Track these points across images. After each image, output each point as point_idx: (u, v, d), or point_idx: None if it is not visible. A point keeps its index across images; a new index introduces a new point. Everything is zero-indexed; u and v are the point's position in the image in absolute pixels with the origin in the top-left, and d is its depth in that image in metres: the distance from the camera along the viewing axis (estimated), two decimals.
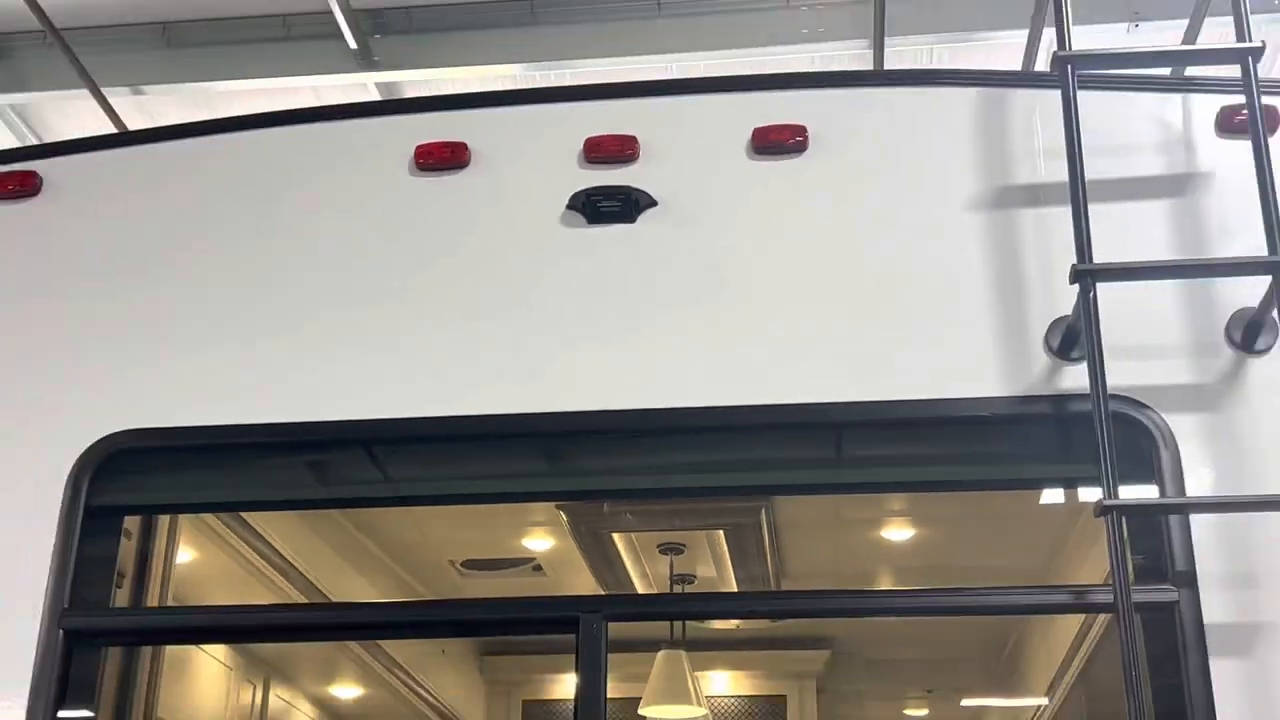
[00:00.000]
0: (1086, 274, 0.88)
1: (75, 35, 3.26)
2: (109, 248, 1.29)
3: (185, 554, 1.84)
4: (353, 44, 3.39)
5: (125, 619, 1.38)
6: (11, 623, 1.05)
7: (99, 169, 1.37)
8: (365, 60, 3.48)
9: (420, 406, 1.08)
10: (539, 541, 2.72)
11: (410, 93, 3.61)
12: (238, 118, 1.47)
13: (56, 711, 1.00)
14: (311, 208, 1.27)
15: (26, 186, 1.29)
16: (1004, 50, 3.41)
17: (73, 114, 3.75)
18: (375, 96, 3.56)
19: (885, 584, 2.94)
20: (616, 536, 2.73)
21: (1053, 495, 1.58)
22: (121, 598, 1.30)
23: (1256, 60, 0.98)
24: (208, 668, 2.58)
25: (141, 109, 3.71)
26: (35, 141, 3.64)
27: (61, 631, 1.06)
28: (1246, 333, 0.97)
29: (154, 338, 1.22)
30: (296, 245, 1.26)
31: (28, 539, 1.11)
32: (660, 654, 2.87)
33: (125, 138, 1.83)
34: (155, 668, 1.59)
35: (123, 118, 3.46)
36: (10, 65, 3.61)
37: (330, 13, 3.22)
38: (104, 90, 3.32)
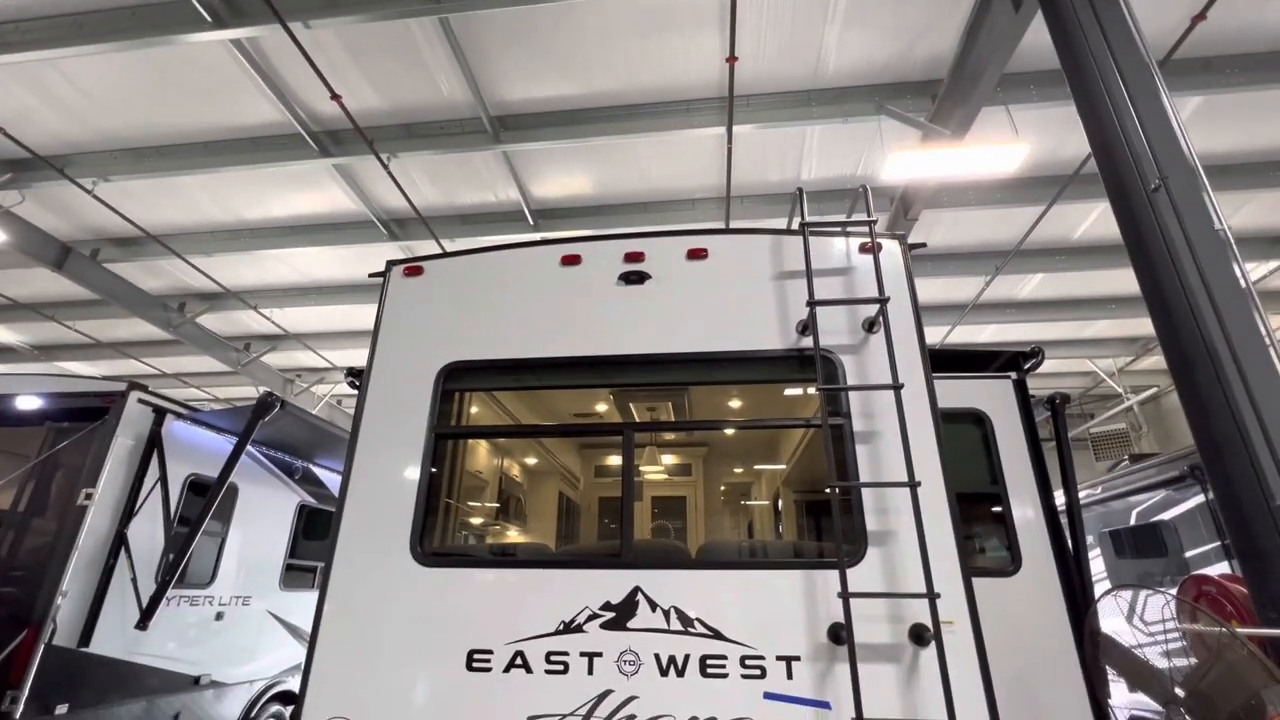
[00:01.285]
0: (812, 303, 2.76)
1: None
2: (446, 297, 3.21)
3: (473, 408, 6.19)
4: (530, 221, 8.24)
5: (452, 428, 3.21)
6: (416, 433, 2.94)
7: (447, 266, 3.32)
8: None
9: (574, 349, 3.06)
10: (603, 404, 7.43)
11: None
12: (503, 245, 3.37)
13: (432, 448, 2.90)
14: (532, 278, 3.15)
15: (418, 272, 3.44)
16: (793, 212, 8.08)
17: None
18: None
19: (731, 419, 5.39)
20: (633, 405, 7.45)
21: (797, 388, 3.56)
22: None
23: (873, 227, 2.95)
24: (481, 446, 7.56)
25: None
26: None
27: (434, 434, 2.89)
28: (869, 324, 2.82)
29: (466, 330, 3.10)
30: (530, 299, 3.12)
31: (425, 397, 2.94)
32: (647, 449, 7.85)
33: (456, 254, 3.37)
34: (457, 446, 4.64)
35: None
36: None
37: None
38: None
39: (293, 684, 6.62)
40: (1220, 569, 5.02)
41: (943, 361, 3.97)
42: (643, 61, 6.51)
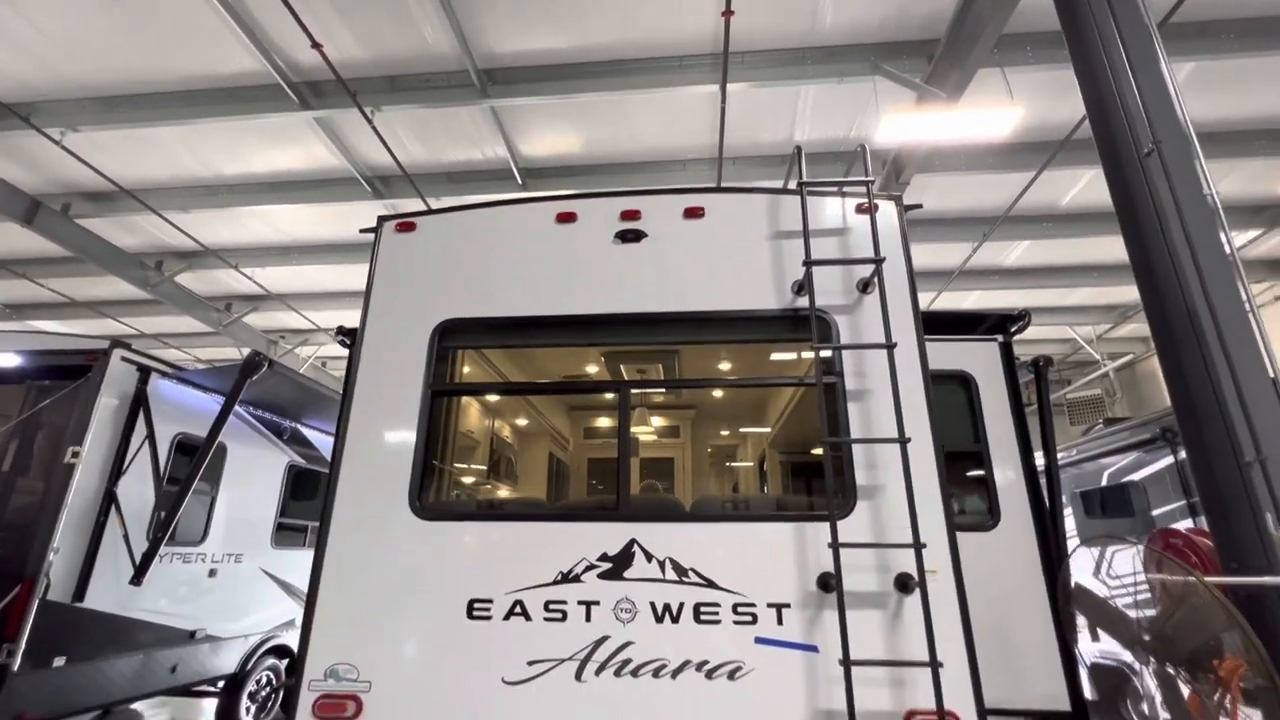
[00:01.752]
0: (809, 263, 2.79)
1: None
2: (440, 254, 3.15)
3: (466, 367, 6.24)
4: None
5: (449, 385, 3.19)
6: (411, 389, 2.90)
7: (440, 222, 3.23)
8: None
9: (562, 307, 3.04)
10: (595, 365, 7.45)
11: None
12: (496, 201, 3.32)
13: (429, 405, 2.87)
14: (527, 235, 3.12)
15: (411, 229, 3.29)
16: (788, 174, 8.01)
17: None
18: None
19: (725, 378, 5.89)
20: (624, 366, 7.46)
21: (791, 349, 3.64)
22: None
23: (871, 187, 2.93)
24: (473, 407, 7.58)
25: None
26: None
27: (430, 391, 2.89)
28: (864, 284, 2.84)
29: (461, 288, 3.06)
30: (525, 256, 3.08)
31: (420, 354, 2.94)
32: (637, 410, 7.92)
33: (447, 210, 3.31)
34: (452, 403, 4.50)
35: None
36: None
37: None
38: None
39: (287, 638, 6.73)
40: (1185, 526, 5.24)
41: (931, 324, 4.00)
42: (636, 14, 6.32)
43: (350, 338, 4.07)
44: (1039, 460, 3.88)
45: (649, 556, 2.58)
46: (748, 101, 7.26)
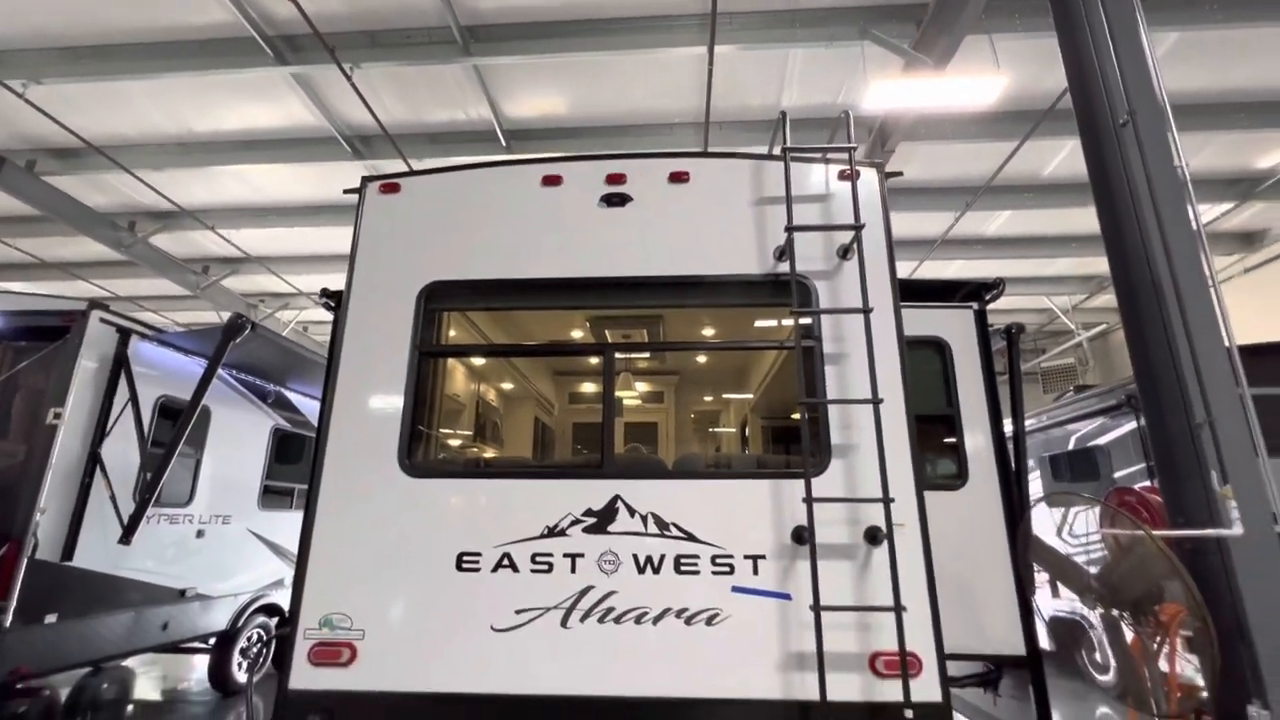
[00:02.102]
0: (790, 229, 2.85)
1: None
2: (425, 216, 3.17)
3: (452, 330, 5.73)
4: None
5: (436, 347, 3.26)
6: (399, 351, 2.92)
7: (425, 183, 3.25)
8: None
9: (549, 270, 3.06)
10: (580, 330, 7.47)
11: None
12: (481, 162, 3.37)
13: (416, 366, 2.88)
14: (513, 197, 3.11)
15: (395, 190, 3.27)
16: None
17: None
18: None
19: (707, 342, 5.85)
20: (609, 331, 7.51)
21: (773, 314, 4.23)
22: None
23: (853, 154, 2.98)
24: (460, 370, 7.61)
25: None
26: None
27: (418, 353, 2.91)
28: (844, 250, 2.91)
29: (447, 250, 3.07)
30: (511, 219, 3.09)
31: (407, 316, 2.95)
32: (621, 375, 8.01)
33: (431, 172, 3.35)
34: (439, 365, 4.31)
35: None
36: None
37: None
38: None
39: (277, 597, 6.85)
40: (1142, 486, 5.50)
41: (909, 291, 4.10)
42: None
43: (334, 300, 4.06)
44: (1008, 425, 4.03)
45: (632, 512, 2.68)
46: (736, 65, 7.17)
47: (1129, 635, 2.55)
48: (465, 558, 2.66)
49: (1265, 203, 9.58)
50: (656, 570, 2.61)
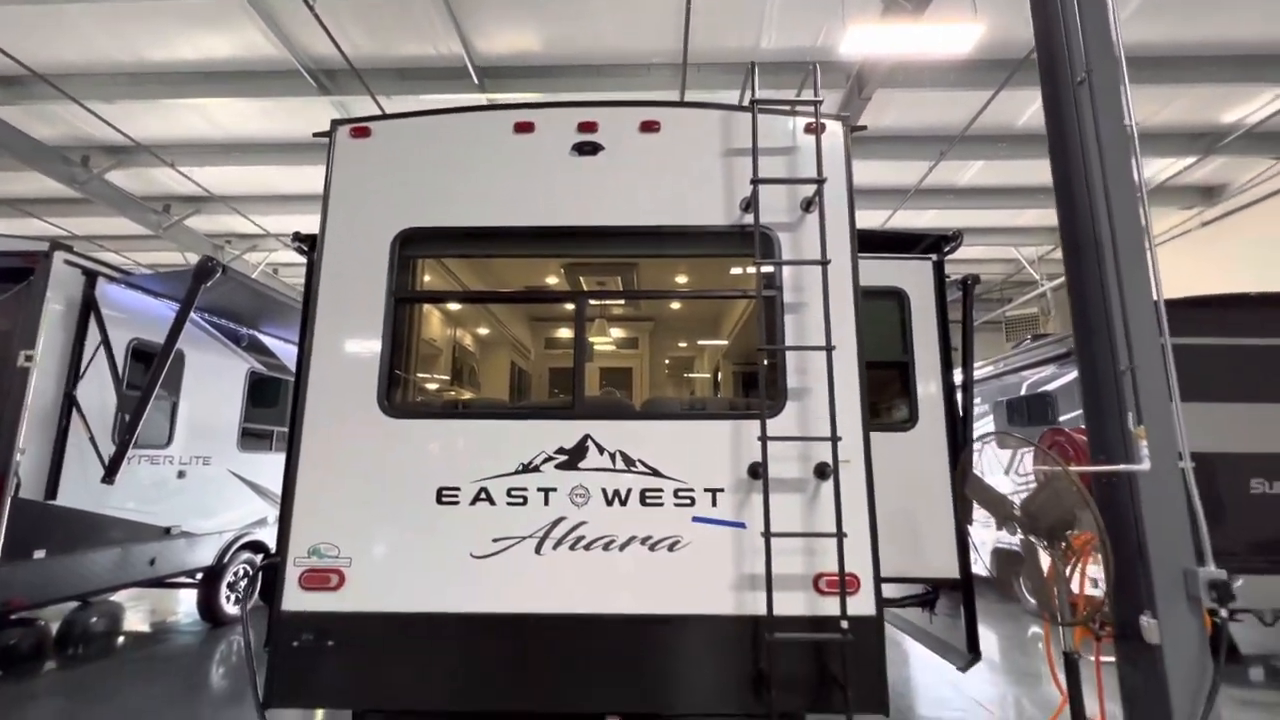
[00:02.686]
0: (756, 182, 2.95)
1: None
2: (398, 161, 3.20)
3: (427, 276, 6.24)
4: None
5: (411, 293, 3.33)
6: (375, 295, 3.01)
7: (396, 128, 3.25)
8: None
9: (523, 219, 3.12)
10: (554, 276, 7.51)
11: None
12: (453, 108, 3.30)
13: (393, 311, 2.99)
14: (485, 144, 3.15)
15: (366, 134, 3.28)
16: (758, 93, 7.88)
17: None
18: None
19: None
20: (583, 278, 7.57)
21: (738, 264, 3.92)
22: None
23: (819, 107, 3.11)
24: (436, 315, 7.65)
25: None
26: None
27: (394, 299, 3.03)
28: (807, 203, 3.05)
29: (420, 197, 3.10)
30: (483, 166, 3.13)
31: (382, 262, 3.03)
32: (596, 321, 8.13)
33: (403, 116, 3.32)
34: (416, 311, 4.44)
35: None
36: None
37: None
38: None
39: (260, 535, 7.06)
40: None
41: (873, 243, 4.26)
42: None
43: (307, 244, 4.08)
44: (958, 372, 4.29)
45: (601, 449, 2.88)
46: (714, 3, 7.00)
47: (1044, 558, 2.86)
48: (445, 492, 2.85)
49: (1228, 157, 9.82)
50: (624, 503, 2.83)
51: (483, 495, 2.84)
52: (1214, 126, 9.29)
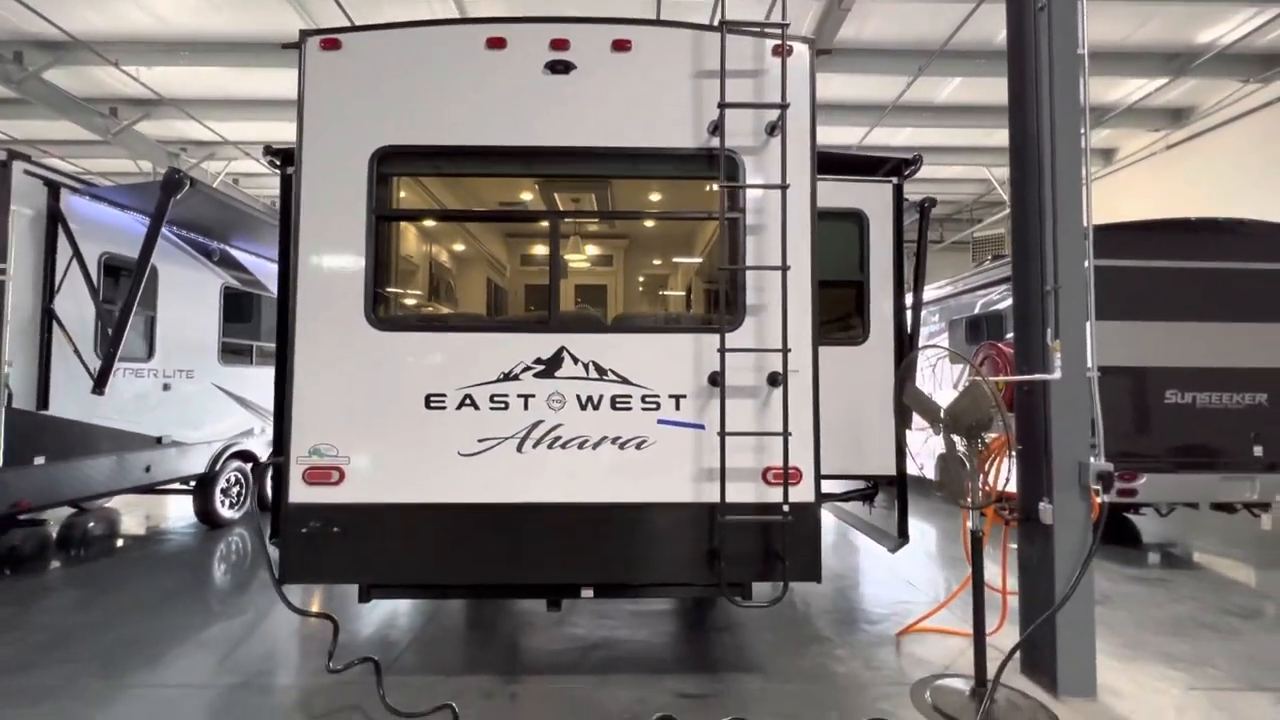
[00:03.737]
0: (722, 106, 3.06)
1: None
2: (371, 76, 3.19)
3: (403, 193, 6.22)
4: None
5: (391, 211, 3.38)
6: (356, 214, 3.13)
7: (367, 41, 3.20)
8: None
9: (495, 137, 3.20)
10: (529, 193, 7.49)
11: None
12: (424, 21, 3.52)
13: (374, 228, 3.12)
14: (458, 60, 3.17)
15: (336, 46, 3.26)
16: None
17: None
18: None
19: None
20: (558, 195, 7.53)
21: (705, 186, 3.90)
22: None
23: (785, 30, 3.13)
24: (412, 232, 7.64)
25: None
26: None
27: (374, 217, 3.17)
28: (771, 127, 3.16)
29: (394, 114, 3.16)
30: (456, 83, 3.17)
31: (360, 180, 3.13)
32: (571, 239, 8.21)
33: (373, 28, 3.29)
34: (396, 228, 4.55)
35: None
36: None
37: None
38: None
39: (248, 444, 7.34)
40: None
41: (836, 164, 4.42)
42: None
43: (278, 158, 4.10)
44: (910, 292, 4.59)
45: (575, 360, 3.15)
46: None
47: (963, 454, 3.28)
48: (432, 398, 3.12)
49: (1199, 79, 9.90)
50: (596, 407, 3.14)
51: (468, 401, 3.12)
52: (1188, 47, 9.30)
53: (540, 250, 8.38)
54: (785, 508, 3.01)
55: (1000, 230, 14.95)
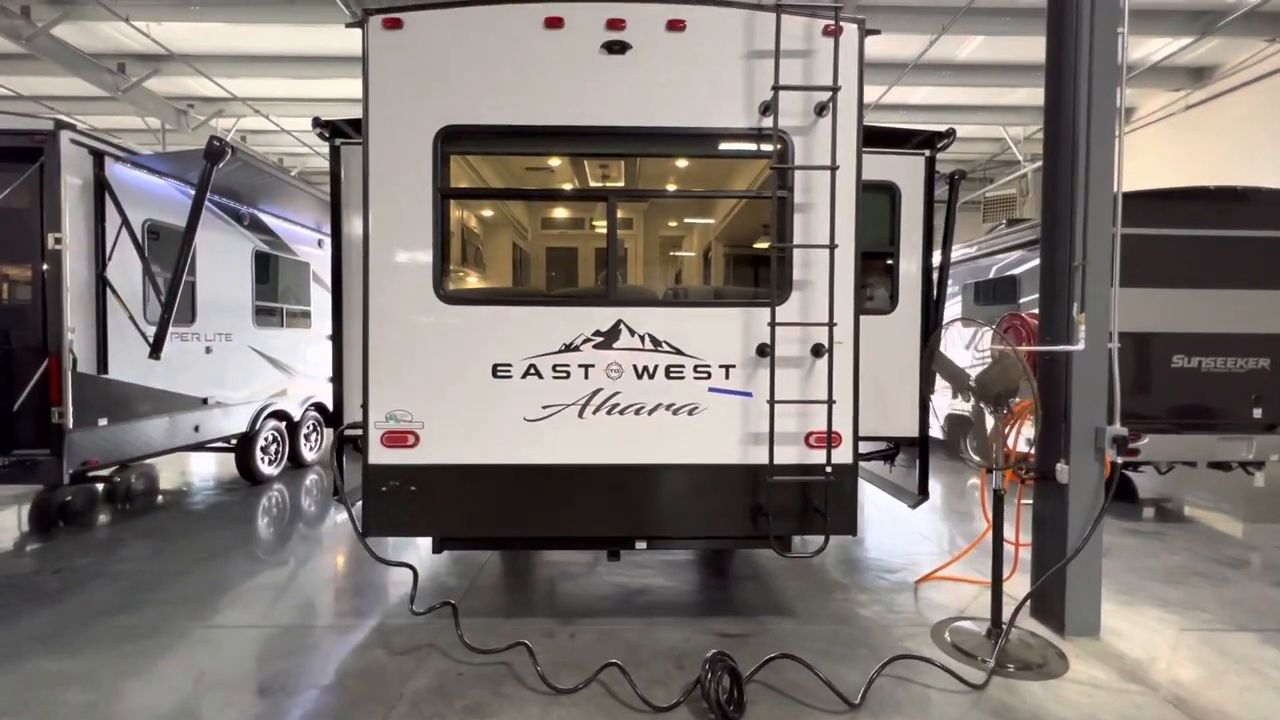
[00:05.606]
0: (777, 88, 3.17)
1: None
2: (431, 55, 3.29)
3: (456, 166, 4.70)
4: None
5: (455, 189, 3.52)
6: (423, 191, 3.30)
7: (427, 21, 3.31)
8: None
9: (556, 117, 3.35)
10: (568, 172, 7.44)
11: None
12: None
13: (440, 206, 3.31)
14: (517, 40, 3.27)
15: (398, 25, 3.32)
16: None
17: None
18: None
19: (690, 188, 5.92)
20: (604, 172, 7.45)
21: (754, 165, 4.53)
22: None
23: (839, 12, 3.25)
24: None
25: None
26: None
27: (440, 195, 3.34)
28: (820, 108, 3.29)
29: (456, 93, 3.29)
30: (516, 62, 3.27)
31: (425, 158, 3.30)
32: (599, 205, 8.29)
33: (431, 7, 3.33)
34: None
35: None
36: None
37: None
38: None
39: (284, 405, 7.62)
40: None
41: (869, 138, 4.51)
42: None
43: (329, 130, 4.22)
44: (937, 259, 4.76)
45: (632, 332, 3.37)
46: None
47: (989, 419, 3.54)
48: (499, 368, 3.35)
49: (1224, 38, 9.77)
50: (651, 376, 3.37)
51: (532, 370, 3.36)
52: (1217, 4, 9.16)
53: (562, 214, 8.48)
54: (828, 469, 3.28)
55: (1012, 191, 14.91)
